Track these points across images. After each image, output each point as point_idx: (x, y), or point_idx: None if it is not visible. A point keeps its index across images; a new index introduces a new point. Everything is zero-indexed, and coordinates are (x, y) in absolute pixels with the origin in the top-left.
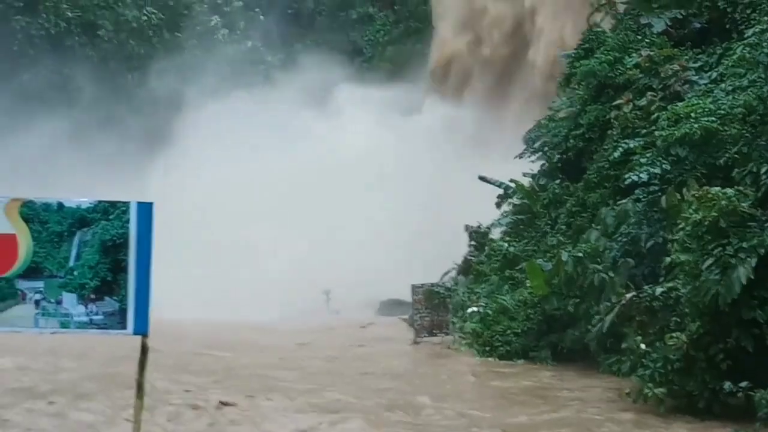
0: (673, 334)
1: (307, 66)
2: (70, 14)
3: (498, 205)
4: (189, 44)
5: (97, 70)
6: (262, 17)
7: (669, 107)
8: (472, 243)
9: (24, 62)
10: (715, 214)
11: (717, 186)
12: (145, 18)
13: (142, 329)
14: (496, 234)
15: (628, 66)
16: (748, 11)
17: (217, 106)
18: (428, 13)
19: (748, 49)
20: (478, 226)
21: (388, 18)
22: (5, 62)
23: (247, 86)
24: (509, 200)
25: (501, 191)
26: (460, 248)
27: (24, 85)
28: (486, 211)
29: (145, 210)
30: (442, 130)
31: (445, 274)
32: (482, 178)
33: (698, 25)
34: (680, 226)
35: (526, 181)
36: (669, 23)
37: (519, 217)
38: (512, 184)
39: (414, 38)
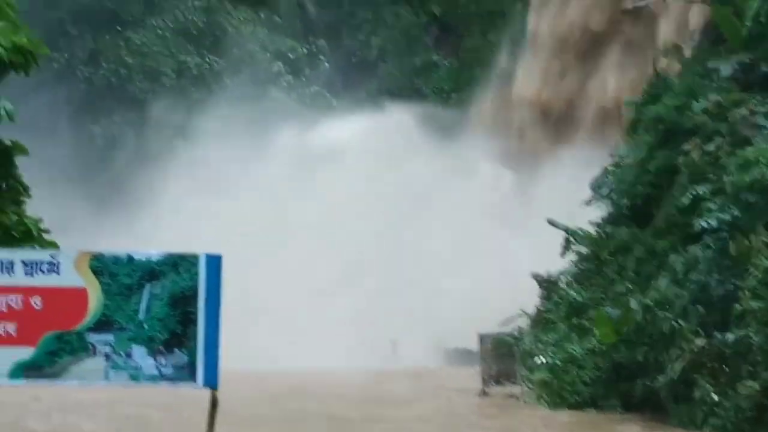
0: (746, 383)
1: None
2: (131, 61)
3: (563, 252)
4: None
5: (159, 116)
6: (327, 64)
7: (738, 152)
8: (540, 291)
9: (89, 110)
10: None
11: None
12: (207, 65)
13: (211, 382)
14: (563, 282)
15: (695, 111)
16: None
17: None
18: (490, 59)
19: None
20: (547, 275)
21: (452, 65)
22: (72, 112)
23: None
24: (575, 248)
25: (566, 237)
26: (525, 296)
27: (92, 133)
28: (551, 257)
29: (214, 262)
30: (502, 177)
31: (510, 321)
32: (551, 222)
33: (766, 70)
34: (750, 272)
35: (592, 228)
36: (736, 68)
37: (586, 264)
38: (579, 231)
39: (477, 84)
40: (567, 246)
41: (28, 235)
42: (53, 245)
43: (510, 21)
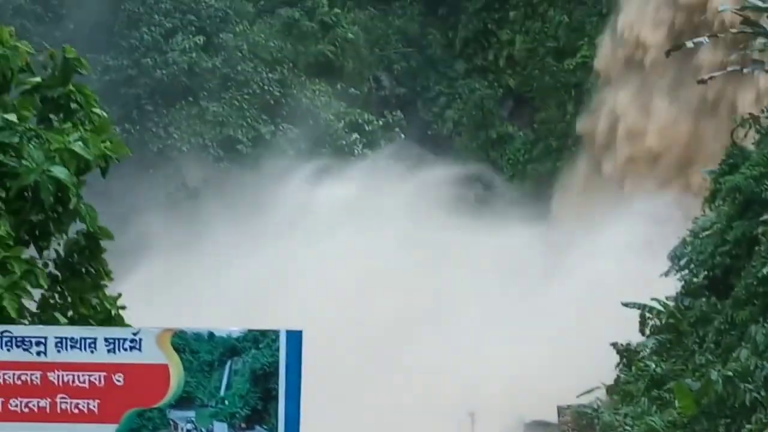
0: None
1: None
2: (204, 129)
3: (641, 327)
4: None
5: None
6: (402, 136)
7: None
8: (621, 362)
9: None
10: None
11: None
12: (281, 132)
13: None
14: (643, 353)
15: None
16: None
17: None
18: (568, 130)
19: None
20: (627, 344)
21: (527, 137)
22: None
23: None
24: (653, 321)
25: (642, 314)
26: (603, 367)
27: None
28: (629, 331)
29: (295, 338)
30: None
31: (588, 392)
32: (625, 304)
33: None
34: None
35: (670, 302)
36: None
37: (665, 336)
38: (656, 305)
39: (555, 155)
40: (644, 322)
41: (105, 321)
42: (127, 326)
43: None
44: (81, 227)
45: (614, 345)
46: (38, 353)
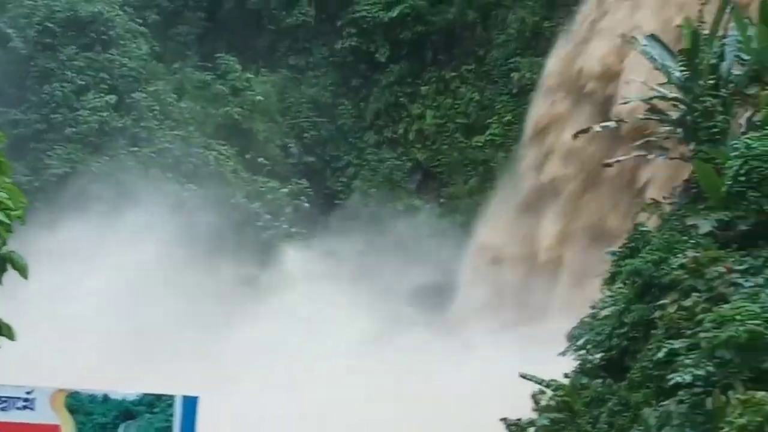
0: None
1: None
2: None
3: (535, 403)
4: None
5: None
6: (307, 205)
7: (714, 309)
8: None
9: None
10: (760, 419)
11: (763, 390)
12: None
13: None
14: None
15: (673, 266)
16: None
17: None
18: (474, 207)
19: None
20: (518, 420)
21: (433, 211)
22: None
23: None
24: (546, 399)
25: (538, 389)
26: None
27: None
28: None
29: (190, 405)
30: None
31: None
32: (523, 376)
33: (744, 228)
34: (724, 430)
35: (565, 380)
36: (715, 225)
37: (558, 414)
38: (552, 382)
39: (459, 231)
40: (538, 399)
41: None
42: None
43: (493, 171)
44: None
45: (504, 420)
46: None
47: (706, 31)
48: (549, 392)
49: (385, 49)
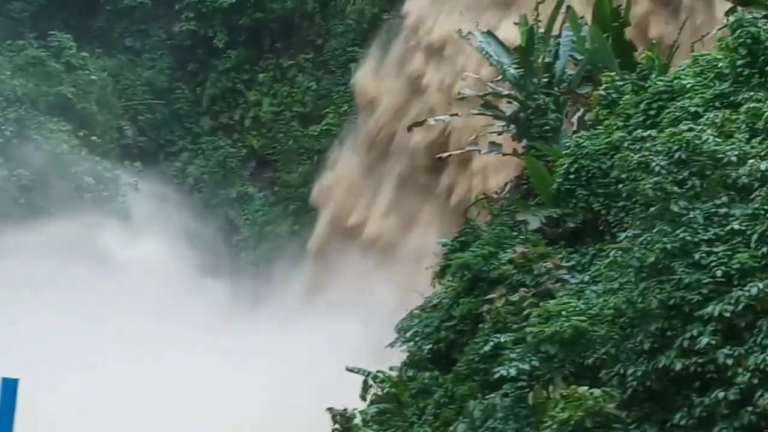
0: None
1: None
2: None
3: (363, 396)
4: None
5: None
6: (139, 189)
7: (540, 304)
8: (336, 428)
9: None
10: (581, 413)
11: (585, 386)
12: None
13: None
14: (359, 420)
15: (502, 261)
16: (622, 215)
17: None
18: (308, 196)
19: (620, 252)
20: (344, 410)
21: (267, 198)
22: None
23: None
24: (374, 390)
25: (365, 380)
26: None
27: None
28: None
29: (10, 386)
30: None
31: None
32: (349, 369)
33: (573, 225)
34: (546, 424)
35: (393, 372)
36: (544, 221)
37: (386, 405)
38: (379, 373)
39: (292, 219)
40: (366, 388)
41: None
42: None
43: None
44: None
45: (330, 410)
46: None
47: (542, 30)
48: (376, 385)
49: (223, 34)
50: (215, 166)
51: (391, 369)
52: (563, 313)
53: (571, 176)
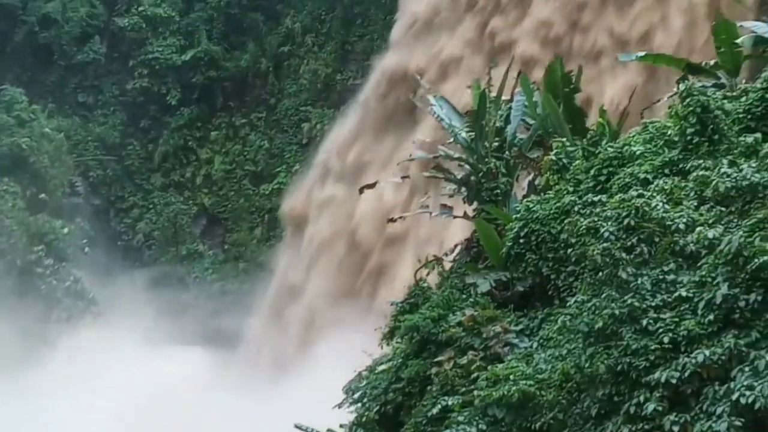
0: None
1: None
2: None
3: None
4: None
5: None
6: (87, 249)
7: (489, 368)
8: None
9: None
10: None
11: None
12: None
13: None
14: None
15: (451, 324)
16: (571, 279)
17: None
18: (260, 255)
19: (568, 317)
20: None
21: (217, 257)
22: None
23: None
24: None
25: None
26: None
27: None
28: None
29: None
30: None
31: None
32: (298, 426)
33: (522, 289)
34: None
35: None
36: (494, 284)
37: None
38: None
39: (242, 277)
40: None
41: None
42: None
43: (278, 219)
44: None
45: None
46: None
47: (494, 94)
48: None
49: (177, 92)
50: (165, 223)
51: (341, 426)
52: (511, 377)
53: (521, 240)
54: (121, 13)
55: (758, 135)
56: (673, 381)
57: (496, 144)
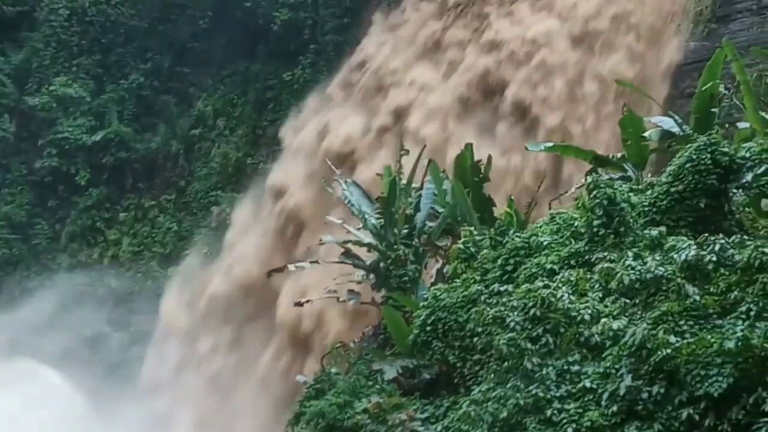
0: None
1: None
2: None
3: None
4: None
5: None
6: None
7: None
8: None
9: None
10: None
11: None
12: None
13: None
14: None
15: (357, 410)
16: (477, 368)
17: None
18: None
19: (473, 406)
20: None
21: (123, 339)
22: None
23: None
24: None
25: None
26: None
27: None
28: None
29: None
30: None
31: None
32: None
33: (428, 377)
34: None
35: None
36: (400, 371)
37: None
38: None
39: None
40: None
41: None
42: None
43: None
44: None
45: None
46: None
47: (405, 181)
48: None
49: (86, 172)
50: (71, 305)
51: None
52: None
53: (428, 328)
54: (31, 92)
55: (663, 228)
56: None
57: (406, 231)
